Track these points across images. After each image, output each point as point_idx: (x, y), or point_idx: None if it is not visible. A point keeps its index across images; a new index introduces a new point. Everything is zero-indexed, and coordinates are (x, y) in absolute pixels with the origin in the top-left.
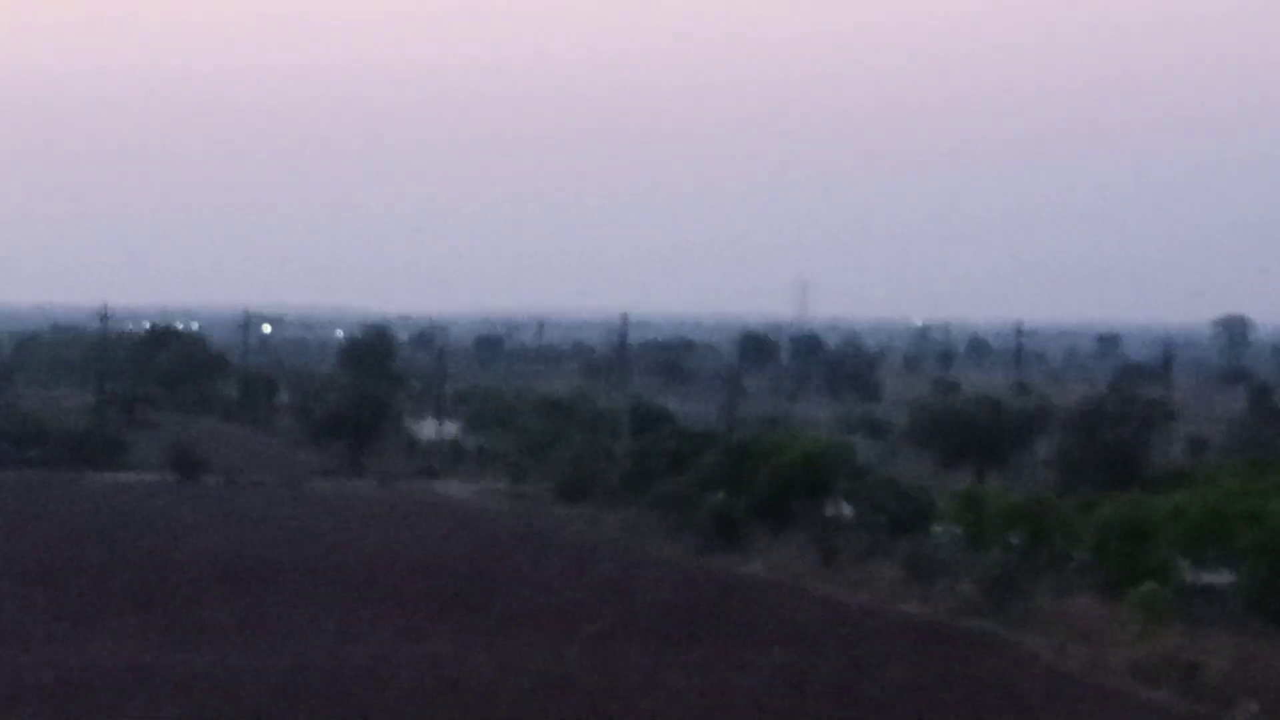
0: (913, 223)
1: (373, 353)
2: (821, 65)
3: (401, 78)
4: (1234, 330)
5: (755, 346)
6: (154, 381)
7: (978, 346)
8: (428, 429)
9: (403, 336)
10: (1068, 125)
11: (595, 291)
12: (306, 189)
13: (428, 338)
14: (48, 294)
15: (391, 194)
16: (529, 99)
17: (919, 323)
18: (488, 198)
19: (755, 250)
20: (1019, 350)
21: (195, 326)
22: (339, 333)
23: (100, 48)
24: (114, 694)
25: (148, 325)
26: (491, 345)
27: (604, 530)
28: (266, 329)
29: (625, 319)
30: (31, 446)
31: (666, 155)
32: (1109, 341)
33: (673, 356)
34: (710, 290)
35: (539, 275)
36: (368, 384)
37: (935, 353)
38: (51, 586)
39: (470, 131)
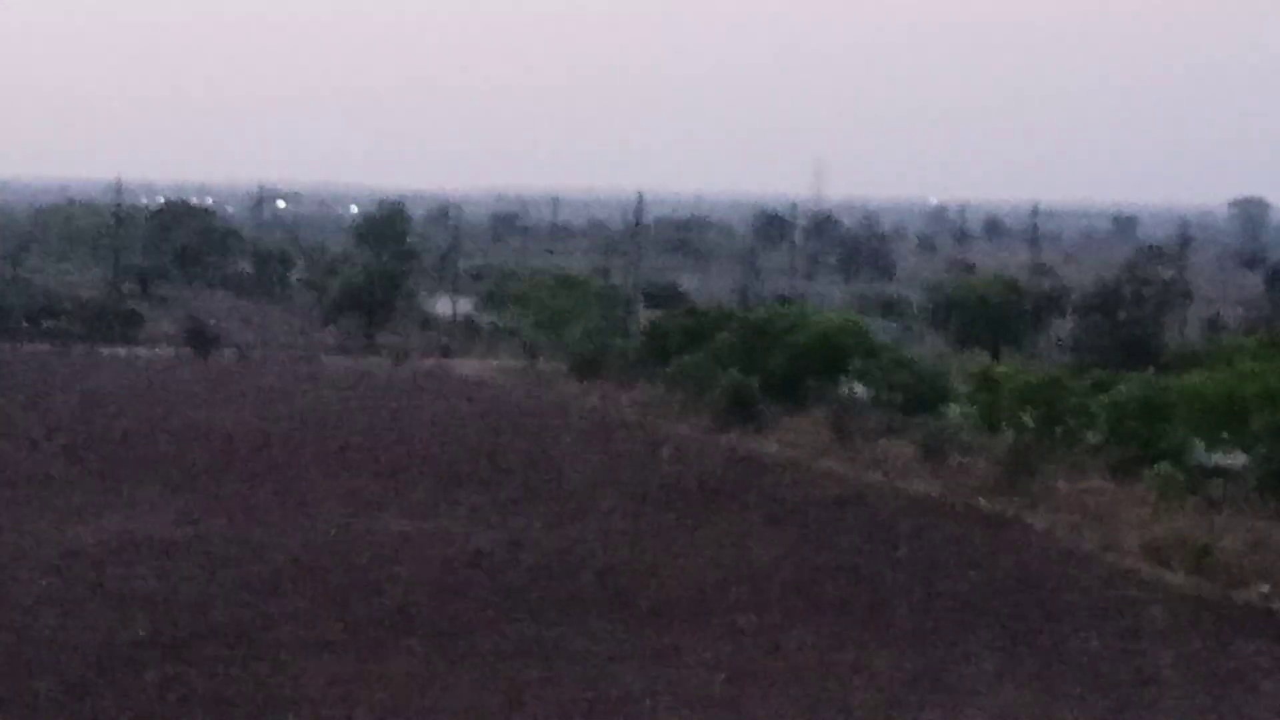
0: (929, 103)
1: (387, 229)
2: None
3: None
4: (1251, 212)
5: (771, 225)
6: (168, 256)
7: (993, 226)
8: (442, 306)
9: (417, 213)
10: (1085, 8)
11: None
12: (323, 64)
13: (442, 214)
14: (63, 168)
15: (409, 70)
16: None
17: (935, 202)
18: (506, 74)
19: (772, 130)
20: (1035, 231)
21: (209, 202)
22: (353, 209)
23: None
24: (127, 564)
25: (162, 200)
26: (506, 222)
27: (619, 407)
28: (281, 205)
29: (641, 197)
30: (47, 319)
31: (684, 34)
32: (1125, 222)
33: (688, 235)
34: (726, 169)
35: (555, 153)
36: (381, 260)
37: (951, 232)
38: (73, 459)
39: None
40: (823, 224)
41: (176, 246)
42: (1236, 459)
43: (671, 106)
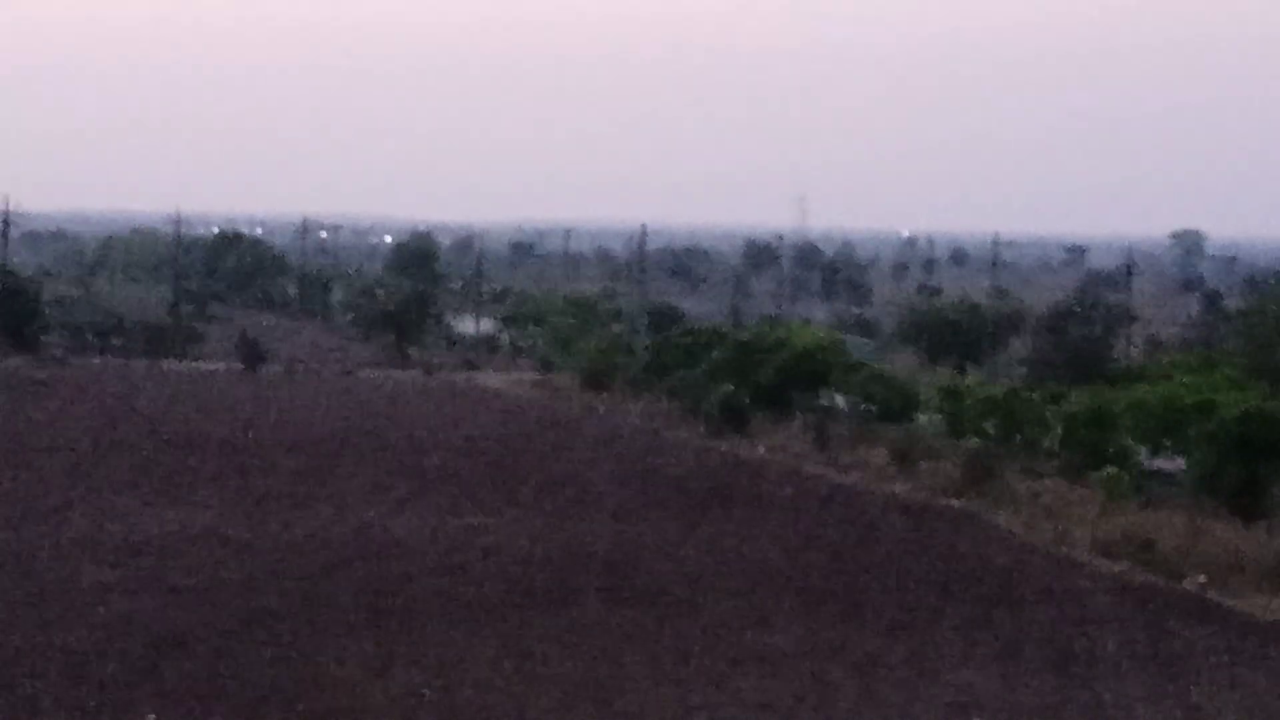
0: (901, 143)
1: (418, 256)
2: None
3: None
4: (1189, 243)
5: (759, 254)
6: (223, 280)
7: (958, 256)
8: (467, 325)
9: (444, 242)
10: (1042, 55)
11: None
12: (361, 108)
13: (467, 243)
14: (128, 201)
15: (437, 114)
16: (552, 28)
17: (906, 234)
18: (521, 119)
19: (760, 167)
20: (995, 259)
21: (259, 232)
22: (388, 238)
23: None
24: (185, 555)
25: (217, 230)
26: (524, 250)
27: (623, 416)
28: (323, 234)
29: (644, 228)
30: (113, 337)
31: (681, 81)
32: (1076, 252)
33: (686, 262)
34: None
35: (567, 188)
36: (413, 284)
37: (920, 261)
38: (131, 462)
39: (501, 59)
40: (806, 253)
41: (230, 271)
42: (1175, 463)
43: (671, 147)
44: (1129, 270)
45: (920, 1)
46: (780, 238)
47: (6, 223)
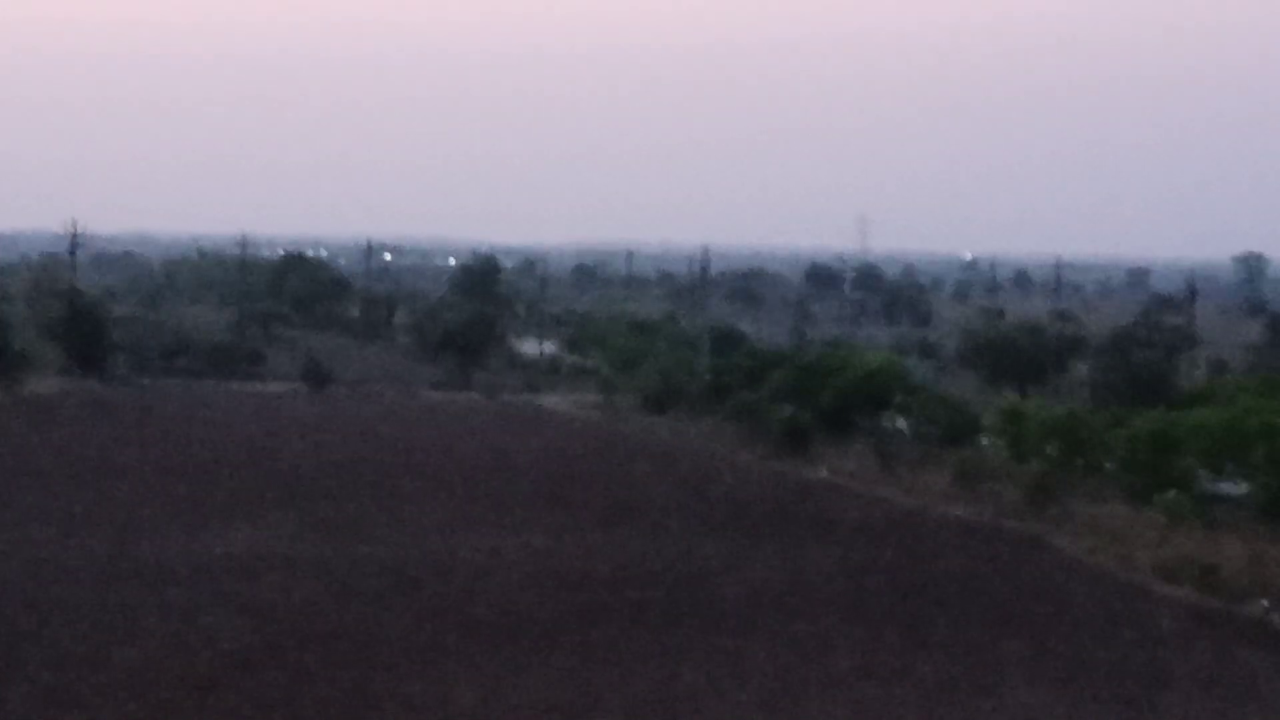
0: (964, 165)
1: (481, 279)
2: (876, 21)
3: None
4: (1252, 265)
5: (821, 276)
6: (287, 302)
7: (1021, 279)
8: (529, 347)
9: (508, 264)
10: (1106, 76)
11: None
12: (424, 131)
13: (530, 266)
14: (194, 223)
15: (500, 137)
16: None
17: (968, 256)
18: (585, 142)
19: (822, 189)
20: (1058, 282)
21: (323, 254)
22: (451, 260)
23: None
24: (249, 576)
25: (282, 252)
26: (586, 273)
27: (686, 438)
28: (387, 257)
29: (706, 250)
30: (179, 358)
31: (744, 103)
32: (1139, 274)
33: (748, 284)
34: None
35: (630, 211)
36: (476, 306)
37: (983, 283)
38: (197, 482)
39: (564, 83)
40: (868, 275)
41: (294, 293)
42: (1239, 486)
43: (733, 169)
44: (1192, 293)
45: (980, 23)
46: (842, 260)
47: (74, 245)
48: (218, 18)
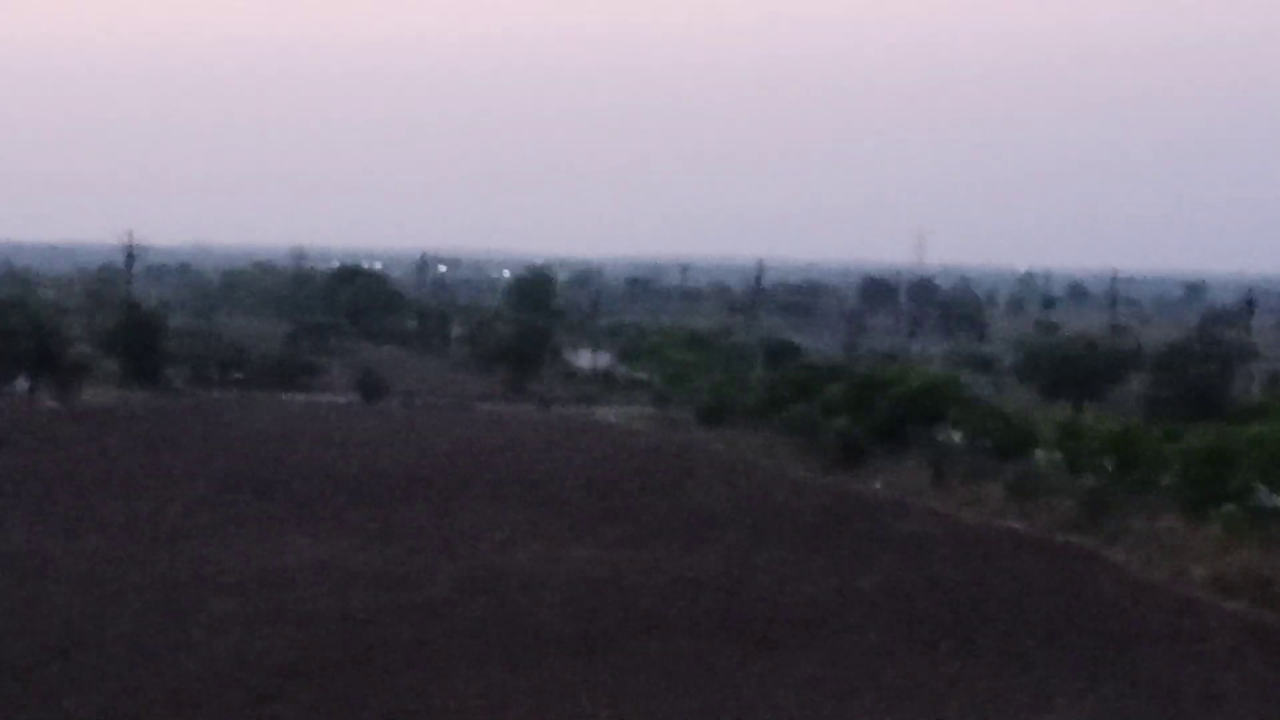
0: (1020, 178)
1: (535, 291)
2: (931, 34)
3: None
4: None
5: (876, 289)
6: (342, 314)
7: (1076, 292)
8: (583, 359)
9: (562, 277)
10: (1162, 89)
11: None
12: (477, 144)
13: (584, 278)
14: (250, 236)
15: (556, 150)
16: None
17: (1024, 269)
18: (638, 155)
19: (877, 203)
20: (1114, 295)
21: (379, 266)
22: (505, 273)
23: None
24: (306, 586)
25: (337, 264)
26: (641, 285)
27: (740, 451)
28: (442, 269)
29: (761, 264)
30: (235, 369)
31: (798, 117)
32: (1196, 288)
33: (802, 298)
34: (836, 238)
35: (684, 223)
36: (530, 318)
37: (1038, 297)
38: (254, 493)
39: (619, 97)
40: (923, 288)
41: (349, 305)
42: None
43: (787, 182)
44: (1249, 306)
45: (1036, 35)
46: (897, 273)
47: (131, 256)
48: (275, 35)
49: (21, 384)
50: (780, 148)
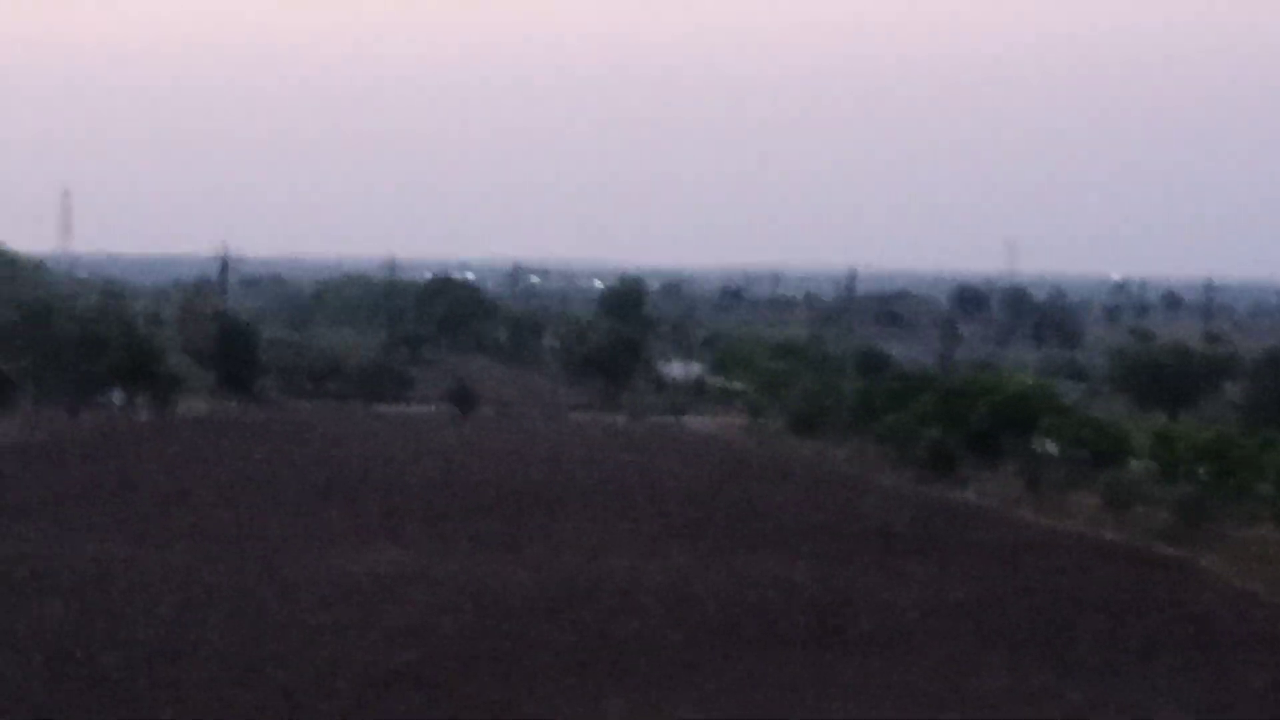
0: (1113, 186)
1: (627, 301)
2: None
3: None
4: None
5: (969, 298)
6: (434, 325)
7: (1171, 300)
8: (675, 369)
9: (654, 287)
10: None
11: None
12: (569, 154)
13: (676, 288)
14: (343, 247)
15: (646, 160)
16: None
17: (1117, 278)
18: (731, 165)
19: (969, 211)
20: (1209, 303)
21: (470, 277)
22: (597, 283)
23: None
24: (399, 596)
25: (429, 275)
26: (732, 295)
27: (831, 460)
28: (534, 279)
29: (853, 273)
30: (328, 380)
31: (889, 126)
32: None
33: (894, 307)
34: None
35: (775, 233)
36: (622, 329)
37: (1132, 305)
38: (347, 502)
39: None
40: (1016, 297)
41: (441, 316)
42: None
43: (880, 191)
44: None
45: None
46: (989, 282)
47: (225, 269)
48: (368, 50)
49: (117, 396)
50: (872, 156)
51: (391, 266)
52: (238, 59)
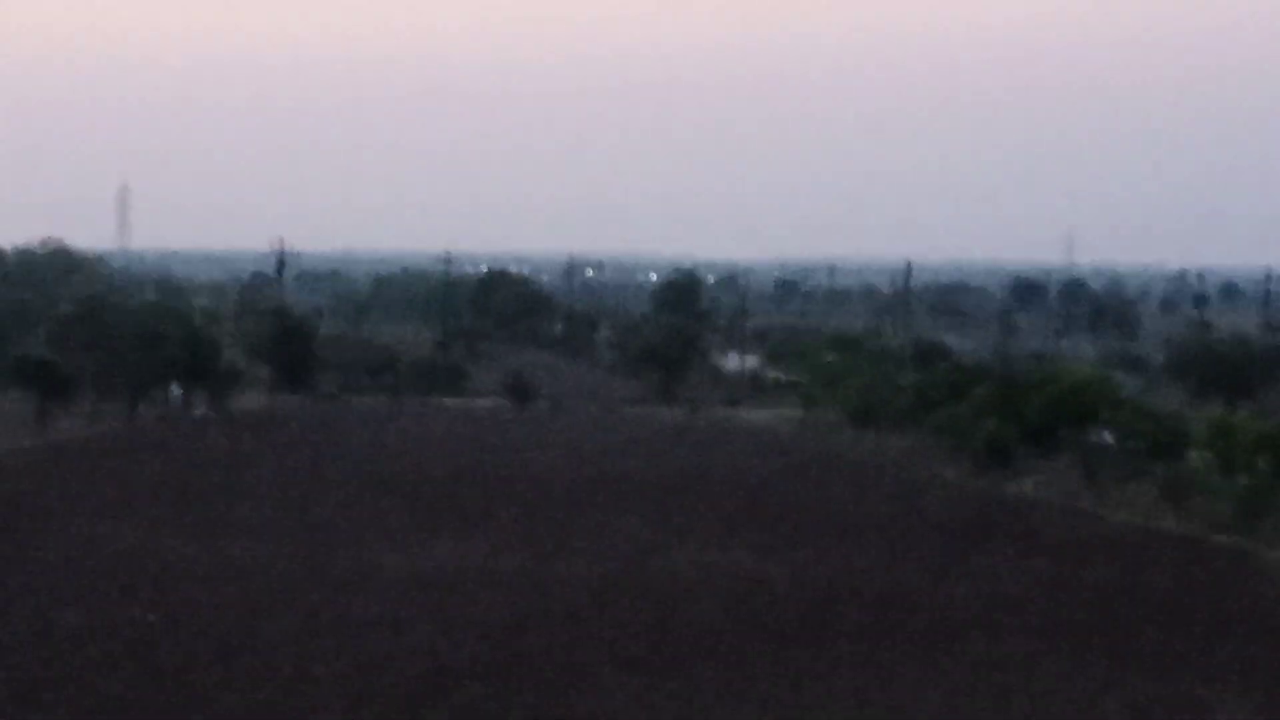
0: (1171, 176)
1: (683, 294)
2: (1083, 32)
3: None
4: None
5: (1026, 289)
6: (490, 319)
7: (1229, 290)
8: (731, 362)
9: (709, 280)
10: None
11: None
12: (625, 147)
13: (732, 281)
14: (399, 241)
15: (702, 153)
16: (819, 72)
17: (1176, 268)
18: (789, 159)
19: (1027, 202)
20: (1268, 293)
21: (526, 270)
22: (653, 276)
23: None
24: (454, 591)
25: (485, 269)
26: (788, 288)
27: (888, 453)
28: (590, 273)
29: (909, 265)
30: (385, 374)
31: (947, 119)
32: None
33: (951, 298)
34: (985, 238)
35: (832, 225)
36: (678, 322)
37: (1190, 296)
38: (403, 497)
39: (766, 100)
40: (1073, 288)
41: (497, 310)
42: None
43: (936, 183)
44: None
45: (1184, 37)
46: (1047, 273)
47: (282, 263)
48: (421, 48)
49: (174, 391)
50: (928, 147)
51: (447, 260)
52: (293, 56)
